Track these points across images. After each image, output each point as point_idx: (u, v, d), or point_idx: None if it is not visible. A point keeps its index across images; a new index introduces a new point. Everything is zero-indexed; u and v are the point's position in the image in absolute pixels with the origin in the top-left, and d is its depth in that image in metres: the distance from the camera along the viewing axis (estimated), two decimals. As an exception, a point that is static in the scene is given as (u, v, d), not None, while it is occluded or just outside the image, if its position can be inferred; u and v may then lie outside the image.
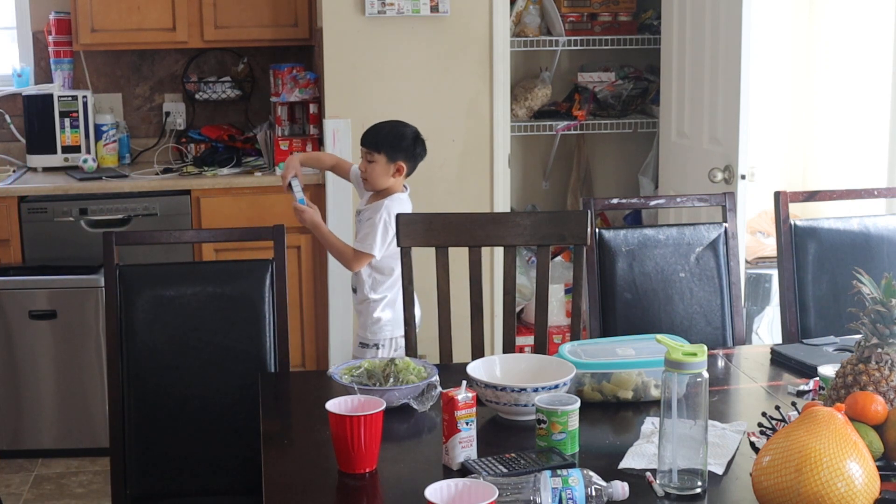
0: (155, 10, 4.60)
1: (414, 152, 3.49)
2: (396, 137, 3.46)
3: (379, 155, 3.42)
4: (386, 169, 3.43)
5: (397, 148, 3.44)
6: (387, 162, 3.43)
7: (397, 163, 3.44)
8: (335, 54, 4.35)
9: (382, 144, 3.43)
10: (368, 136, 3.48)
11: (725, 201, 3.09)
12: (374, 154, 3.42)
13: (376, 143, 3.43)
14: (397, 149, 3.44)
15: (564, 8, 4.84)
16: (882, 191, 3.27)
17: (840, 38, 4.56)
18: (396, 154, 3.43)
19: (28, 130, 4.70)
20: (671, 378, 1.89)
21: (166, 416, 2.71)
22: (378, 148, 3.42)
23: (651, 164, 4.95)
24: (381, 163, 3.43)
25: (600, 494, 1.84)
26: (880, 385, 2.00)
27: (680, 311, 3.03)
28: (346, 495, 2.03)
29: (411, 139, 3.49)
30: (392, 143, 3.43)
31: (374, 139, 3.45)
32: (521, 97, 4.89)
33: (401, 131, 3.50)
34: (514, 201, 4.98)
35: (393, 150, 3.43)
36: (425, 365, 2.44)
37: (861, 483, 1.71)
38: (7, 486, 4.06)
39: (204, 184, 4.47)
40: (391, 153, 3.43)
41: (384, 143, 3.43)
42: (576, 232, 2.94)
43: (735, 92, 3.80)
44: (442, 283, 2.95)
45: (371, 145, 3.44)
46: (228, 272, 2.81)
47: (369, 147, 3.44)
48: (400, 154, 3.44)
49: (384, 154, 3.42)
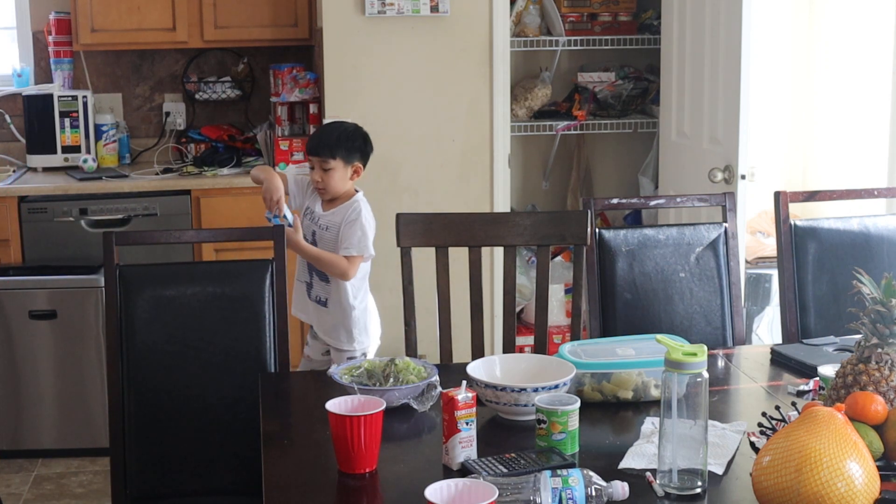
0: (155, 10, 4.60)
1: (366, 150, 3.42)
2: (348, 138, 3.38)
3: (335, 161, 3.34)
4: (345, 173, 3.36)
5: (352, 149, 3.37)
6: (344, 166, 3.35)
7: (354, 164, 3.38)
8: (335, 54, 4.35)
9: (337, 149, 3.34)
10: (319, 143, 3.38)
11: (725, 201, 3.09)
12: (329, 161, 3.33)
13: (330, 149, 3.34)
14: (352, 150, 3.37)
15: (564, 8, 4.84)
16: (882, 191, 3.27)
17: (840, 39, 4.56)
18: (352, 155, 3.37)
19: (28, 130, 4.69)
20: (671, 378, 1.89)
21: (166, 416, 2.71)
22: (333, 153, 3.34)
23: (651, 164, 4.95)
24: (338, 168, 3.35)
25: (600, 494, 1.84)
26: (880, 385, 2.00)
27: (680, 311, 3.03)
28: (346, 495, 2.03)
29: (361, 137, 3.42)
30: (346, 146, 3.36)
31: (326, 145, 3.35)
32: (521, 97, 4.89)
33: (350, 131, 3.42)
34: (514, 201, 4.98)
35: (348, 152, 3.36)
36: (425, 365, 2.44)
37: (861, 483, 1.71)
38: (7, 486, 4.06)
39: (204, 184, 4.47)
40: (347, 156, 3.36)
41: (338, 147, 3.35)
42: (576, 232, 2.94)
43: (735, 92, 3.80)
44: (442, 283, 2.96)
45: (325, 152, 3.34)
46: (228, 272, 2.82)
47: (323, 154, 3.34)
48: (355, 154, 3.38)
49: (340, 159, 3.35)
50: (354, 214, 3.35)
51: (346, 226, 3.35)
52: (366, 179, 4.37)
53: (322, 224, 3.41)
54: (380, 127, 4.39)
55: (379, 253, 4.39)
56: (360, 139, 3.42)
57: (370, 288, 3.50)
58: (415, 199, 4.43)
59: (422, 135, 4.43)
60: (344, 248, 3.34)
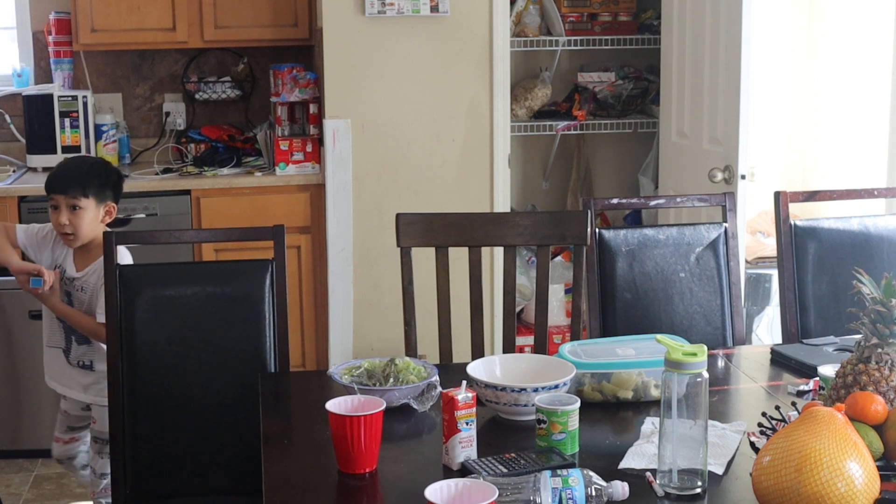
0: (155, 10, 4.60)
1: (119, 187, 3.07)
2: (101, 174, 3.02)
3: (88, 200, 2.95)
4: (96, 214, 2.99)
5: (105, 185, 3.00)
6: (96, 206, 2.99)
7: (107, 203, 3.03)
8: (335, 54, 4.35)
9: (90, 186, 2.95)
10: (67, 180, 2.95)
11: (725, 201, 3.09)
12: (81, 199, 2.94)
13: (83, 187, 2.94)
14: (105, 186, 3.00)
15: (564, 8, 4.84)
16: (882, 191, 3.27)
17: (840, 39, 4.56)
18: (105, 193, 3.00)
19: (28, 130, 4.69)
20: (671, 378, 1.89)
21: (166, 416, 2.71)
22: (86, 192, 2.95)
23: (651, 164, 4.95)
24: (90, 209, 2.97)
25: (600, 494, 1.84)
26: (880, 385, 2.00)
27: (680, 311, 3.03)
28: (346, 495, 2.03)
29: (115, 173, 3.07)
30: (99, 182, 2.99)
31: (77, 181, 2.95)
32: (521, 97, 4.89)
33: (101, 165, 3.06)
34: (514, 201, 4.98)
35: (101, 189, 2.99)
36: (425, 365, 2.44)
37: (861, 483, 1.71)
38: (7, 486, 4.06)
39: (204, 184, 4.47)
40: (100, 194, 2.99)
41: (91, 184, 2.96)
42: (576, 232, 2.94)
43: (735, 92, 3.80)
44: (442, 283, 2.95)
45: (76, 189, 2.93)
46: (228, 272, 2.81)
47: (74, 193, 2.94)
48: (108, 192, 3.02)
49: (93, 197, 2.97)
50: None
51: (101, 288, 2.94)
52: (366, 179, 4.41)
53: (77, 286, 3.07)
54: (380, 127, 4.41)
55: (379, 253, 4.42)
56: (115, 174, 3.08)
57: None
58: (415, 199, 4.42)
59: (422, 135, 4.43)
60: (100, 312, 2.97)
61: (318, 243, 4.49)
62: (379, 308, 4.47)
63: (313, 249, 4.51)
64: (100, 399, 3.13)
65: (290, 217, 4.42)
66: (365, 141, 4.39)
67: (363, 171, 4.40)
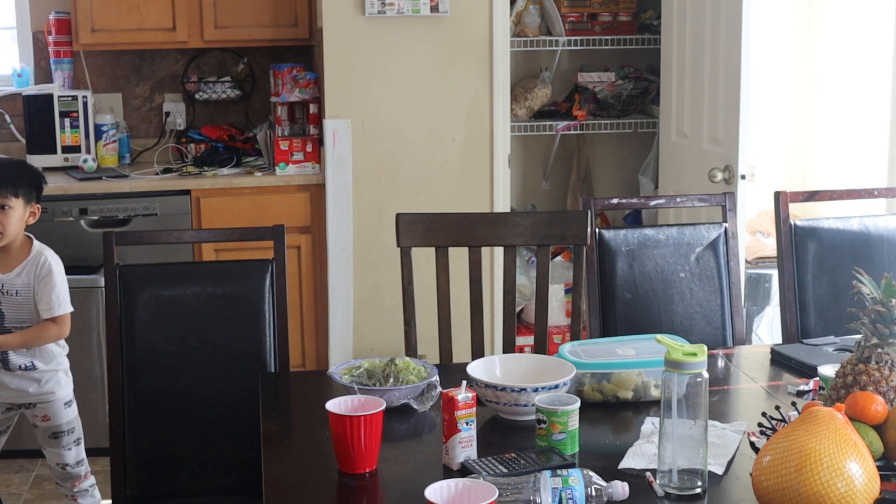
0: (155, 10, 4.59)
1: (41, 190, 3.11)
2: (29, 176, 3.06)
3: (17, 200, 2.99)
4: (23, 214, 3.02)
5: (32, 187, 3.04)
6: (24, 206, 3.02)
7: (32, 204, 3.06)
8: (335, 54, 4.35)
9: (20, 186, 3.00)
10: None
11: (725, 201, 3.09)
12: (11, 199, 2.98)
13: (13, 186, 2.98)
14: (32, 188, 3.04)
15: (564, 8, 4.84)
16: (882, 191, 3.28)
17: (840, 39, 4.56)
18: (31, 195, 3.04)
19: (28, 130, 4.69)
20: (671, 378, 1.89)
21: (166, 416, 2.71)
22: (16, 191, 2.98)
23: (651, 164, 4.95)
24: (18, 209, 3.00)
25: (600, 494, 1.84)
26: (880, 385, 2.00)
27: (680, 311, 3.03)
28: (346, 495, 2.03)
29: (41, 175, 3.12)
30: (29, 183, 3.04)
31: (8, 182, 2.98)
32: (521, 97, 4.89)
33: (28, 169, 3.10)
34: (514, 201, 4.98)
35: (29, 190, 3.03)
36: (425, 365, 2.44)
37: (861, 483, 1.71)
38: (7, 486, 4.05)
39: (204, 184, 4.46)
40: (28, 195, 3.02)
41: (21, 184, 3.01)
42: (576, 232, 2.94)
43: (735, 92, 3.80)
44: (442, 283, 2.95)
45: (7, 189, 2.97)
46: (228, 272, 2.82)
47: (4, 192, 2.97)
48: (34, 194, 3.05)
49: (22, 198, 3.01)
50: (45, 270, 3.06)
51: (40, 285, 3.05)
52: (366, 179, 4.41)
53: (7, 289, 3.06)
54: (379, 127, 4.41)
55: (379, 253, 4.41)
56: (40, 176, 3.12)
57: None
58: (415, 198, 4.42)
59: (422, 135, 4.44)
60: (47, 310, 3.06)
61: (318, 243, 4.49)
62: (379, 308, 4.47)
63: (313, 249, 4.51)
64: (44, 395, 3.18)
65: (290, 217, 4.41)
66: (365, 141, 4.39)
67: (363, 171, 4.40)
